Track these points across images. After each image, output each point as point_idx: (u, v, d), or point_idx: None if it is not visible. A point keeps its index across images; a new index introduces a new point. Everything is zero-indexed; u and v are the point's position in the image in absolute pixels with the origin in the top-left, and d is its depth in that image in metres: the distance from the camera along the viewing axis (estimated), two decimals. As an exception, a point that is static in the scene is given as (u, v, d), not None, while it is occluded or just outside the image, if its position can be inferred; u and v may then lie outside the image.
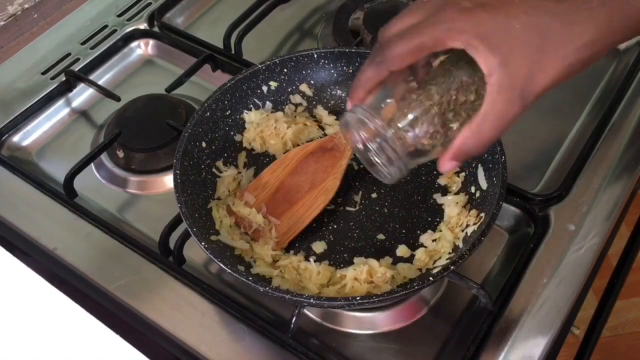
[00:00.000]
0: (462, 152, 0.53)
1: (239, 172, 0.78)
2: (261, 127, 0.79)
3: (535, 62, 0.49)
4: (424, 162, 0.57)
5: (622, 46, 0.95)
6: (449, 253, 0.68)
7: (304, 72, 0.81)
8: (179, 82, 0.90)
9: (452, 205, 0.72)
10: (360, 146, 0.57)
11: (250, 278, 0.62)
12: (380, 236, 0.73)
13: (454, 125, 0.53)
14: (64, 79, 0.93)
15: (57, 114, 0.92)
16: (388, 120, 0.54)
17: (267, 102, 0.81)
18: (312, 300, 0.60)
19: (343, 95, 0.82)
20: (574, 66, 0.49)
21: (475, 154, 0.54)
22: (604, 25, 0.49)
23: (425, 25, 0.50)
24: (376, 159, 0.57)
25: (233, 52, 0.94)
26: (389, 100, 0.55)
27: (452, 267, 0.61)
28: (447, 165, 0.54)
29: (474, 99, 0.53)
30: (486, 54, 0.49)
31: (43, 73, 0.95)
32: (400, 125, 0.54)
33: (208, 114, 0.76)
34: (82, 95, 0.94)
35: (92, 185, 0.83)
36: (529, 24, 0.48)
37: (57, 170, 0.85)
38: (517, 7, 0.49)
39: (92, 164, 0.84)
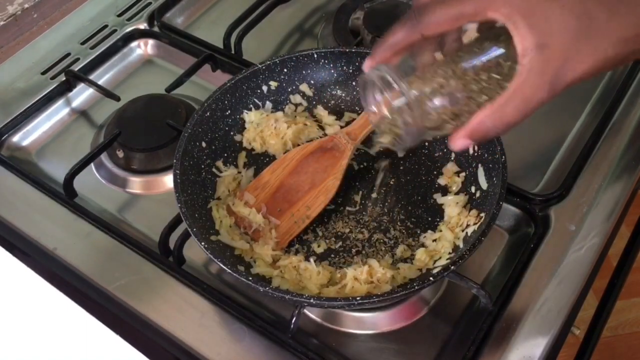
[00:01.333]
0: (479, 131, 0.51)
1: (239, 172, 0.78)
2: (261, 127, 0.79)
3: (572, 49, 0.47)
4: (439, 135, 0.54)
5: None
6: (449, 253, 0.68)
7: (304, 72, 0.81)
8: (179, 82, 0.90)
9: (452, 205, 0.72)
10: (374, 108, 0.55)
11: (250, 278, 0.62)
12: (380, 236, 0.73)
13: (477, 102, 0.51)
14: (64, 78, 0.93)
15: (57, 114, 0.92)
16: (411, 84, 0.52)
17: (267, 102, 0.81)
18: (312, 300, 0.60)
19: (343, 95, 0.82)
20: (611, 60, 0.47)
21: (491, 135, 0.51)
22: None
23: None
24: (388, 125, 0.55)
25: (233, 52, 0.94)
26: (414, 65, 0.53)
27: (452, 267, 0.61)
28: (460, 142, 0.52)
29: (502, 79, 0.51)
30: (524, 32, 0.47)
31: (43, 73, 0.95)
32: (424, 91, 0.52)
33: (208, 114, 0.76)
34: (82, 95, 0.94)
35: (92, 185, 0.83)
36: (574, 9, 0.46)
37: (57, 170, 0.85)
38: None
39: (92, 164, 0.84)
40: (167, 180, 0.83)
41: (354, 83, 0.82)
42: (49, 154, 0.88)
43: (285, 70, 0.80)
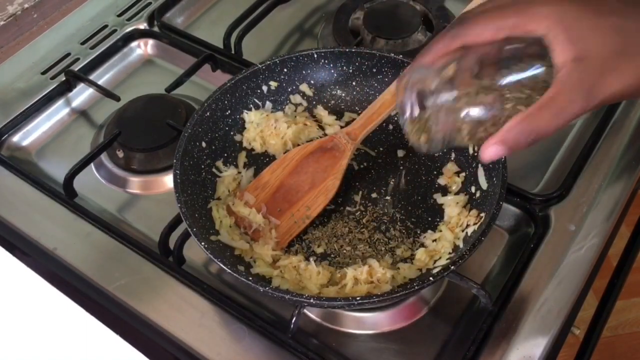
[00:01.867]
0: (509, 139, 0.50)
1: (239, 172, 0.78)
2: (261, 127, 0.79)
3: (610, 64, 0.47)
4: (468, 143, 0.55)
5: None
6: (449, 253, 0.68)
7: (304, 72, 0.81)
8: (179, 82, 0.90)
9: (452, 205, 0.72)
10: (408, 109, 0.55)
11: (250, 278, 0.62)
12: (380, 236, 0.73)
13: (510, 113, 0.51)
14: (64, 78, 0.93)
15: (57, 114, 0.92)
16: (446, 89, 0.53)
17: (267, 102, 0.81)
18: (312, 300, 0.60)
19: (343, 95, 0.82)
20: None
21: (522, 144, 0.50)
22: None
23: (512, 4, 0.50)
24: (418, 126, 0.55)
25: (233, 52, 0.94)
26: (451, 74, 0.54)
27: (452, 267, 0.61)
28: (490, 150, 0.51)
29: (536, 93, 0.51)
30: (564, 45, 0.47)
31: (43, 73, 0.95)
32: (458, 97, 0.52)
33: (208, 114, 0.76)
34: (82, 95, 0.94)
35: (92, 185, 0.83)
36: (616, 25, 0.47)
37: (57, 170, 0.85)
38: (609, 7, 0.48)
39: (92, 164, 0.84)
40: (167, 180, 0.83)
41: (353, 83, 0.82)
42: (49, 154, 0.88)
43: (285, 70, 0.80)
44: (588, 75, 0.47)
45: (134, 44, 1.00)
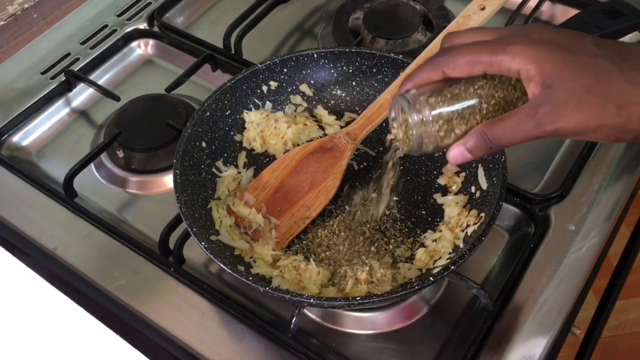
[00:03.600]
0: (469, 142, 0.54)
1: (239, 172, 0.78)
2: (261, 127, 0.79)
3: (574, 99, 0.49)
4: (441, 148, 0.59)
5: (622, 46, 0.95)
6: (449, 253, 0.68)
7: (304, 72, 0.81)
8: (179, 82, 0.90)
9: (452, 205, 0.72)
10: (394, 124, 0.60)
11: (250, 278, 0.62)
12: (380, 236, 0.73)
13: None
14: (64, 78, 0.93)
15: (57, 113, 0.92)
16: (426, 107, 0.57)
17: (267, 102, 0.81)
18: (312, 300, 0.60)
19: (343, 95, 0.82)
20: (618, 126, 0.49)
21: (481, 148, 0.54)
22: None
23: (491, 43, 0.53)
24: (403, 134, 0.60)
25: (233, 52, 0.94)
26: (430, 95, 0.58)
27: (452, 267, 0.61)
28: (453, 151, 0.55)
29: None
30: (535, 79, 0.50)
31: (43, 73, 0.95)
32: (432, 112, 0.56)
33: (208, 113, 0.76)
34: (81, 95, 0.94)
35: (92, 185, 0.83)
36: (587, 63, 0.50)
37: (57, 170, 0.85)
38: (581, 50, 0.50)
39: (92, 164, 0.84)
40: (167, 180, 0.83)
41: (353, 83, 0.82)
42: (49, 154, 0.88)
43: (285, 70, 0.80)
44: (547, 103, 0.50)
45: (134, 44, 1.00)
